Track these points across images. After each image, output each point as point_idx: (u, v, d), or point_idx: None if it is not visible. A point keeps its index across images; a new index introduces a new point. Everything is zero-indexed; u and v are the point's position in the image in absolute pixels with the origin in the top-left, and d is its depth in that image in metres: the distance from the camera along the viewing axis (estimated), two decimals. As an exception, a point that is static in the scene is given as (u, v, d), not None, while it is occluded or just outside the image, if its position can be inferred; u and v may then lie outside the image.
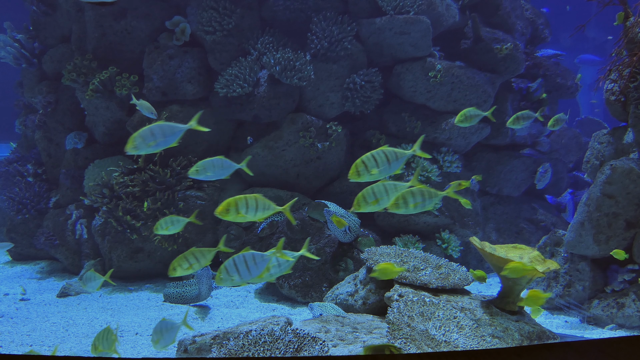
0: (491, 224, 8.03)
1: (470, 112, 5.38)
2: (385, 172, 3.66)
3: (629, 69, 5.36)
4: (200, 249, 3.84)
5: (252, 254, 3.48)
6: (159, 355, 4.68)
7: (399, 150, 3.71)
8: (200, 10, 7.08)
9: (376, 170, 3.62)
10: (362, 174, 3.63)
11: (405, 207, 3.65)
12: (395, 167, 3.67)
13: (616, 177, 5.34)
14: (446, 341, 3.72)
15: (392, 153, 3.65)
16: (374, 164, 3.62)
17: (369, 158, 3.64)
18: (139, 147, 3.70)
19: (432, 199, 3.67)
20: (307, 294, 6.12)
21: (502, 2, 8.04)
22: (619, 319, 5.30)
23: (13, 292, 6.54)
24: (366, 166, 3.61)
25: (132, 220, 6.69)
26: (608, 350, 2.21)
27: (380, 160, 3.63)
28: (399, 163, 3.67)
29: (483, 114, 5.46)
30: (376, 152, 3.65)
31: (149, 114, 5.77)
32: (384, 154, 3.65)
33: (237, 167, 4.11)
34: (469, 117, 5.35)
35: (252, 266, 3.48)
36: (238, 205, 3.55)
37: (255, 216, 3.62)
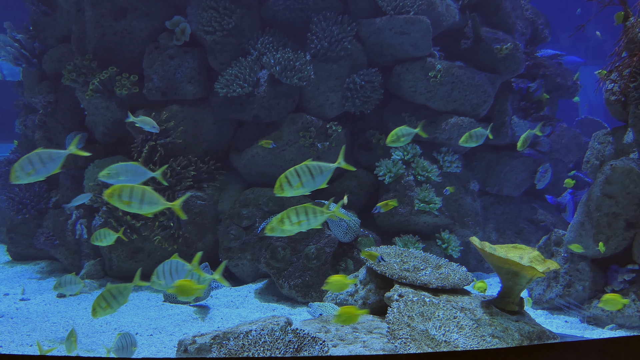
0: (491, 224, 8.03)
1: (402, 130, 5.20)
2: (310, 187, 3.70)
3: (629, 69, 5.36)
4: (117, 285, 3.83)
5: (176, 262, 3.71)
6: (159, 355, 4.68)
7: (324, 164, 3.73)
8: (200, 10, 7.08)
9: (300, 185, 3.66)
10: (285, 190, 3.67)
11: (290, 225, 3.66)
12: (320, 181, 3.71)
13: (616, 177, 5.34)
14: (446, 341, 3.72)
15: (316, 167, 3.69)
16: (297, 180, 3.66)
17: (292, 174, 3.68)
18: (19, 177, 3.75)
19: (317, 218, 3.65)
20: (307, 294, 6.12)
21: (502, 2, 8.04)
22: (619, 319, 5.30)
23: (13, 292, 6.54)
24: (289, 182, 3.65)
25: (132, 220, 6.69)
26: (608, 350, 2.21)
27: (303, 175, 3.66)
28: (323, 177, 3.72)
29: (415, 131, 5.24)
30: (300, 167, 3.68)
31: (151, 129, 5.82)
32: (308, 168, 3.68)
33: (151, 175, 4.09)
34: (400, 136, 5.19)
35: (174, 273, 3.73)
36: (122, 192, 3.55)
37: (140, 208, 3.60)
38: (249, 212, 6.89)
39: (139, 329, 5.35)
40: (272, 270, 6.27)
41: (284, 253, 6.28)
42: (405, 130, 5.19)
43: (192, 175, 6.96)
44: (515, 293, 4.34)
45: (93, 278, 6.92)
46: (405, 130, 5.18)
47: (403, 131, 5.17)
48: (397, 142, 5.24)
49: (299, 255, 6.30)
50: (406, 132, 5.17)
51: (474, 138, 5.59)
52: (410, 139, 5.27)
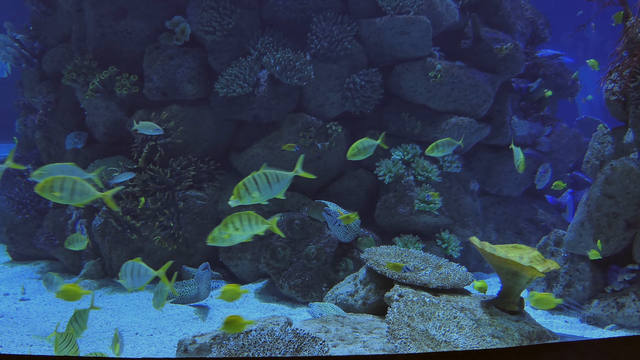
0: (491, 224, 8.03)
1: (363, 143, 5.07)
2: (267, 194, 3.74)
3: (629, 69, 5.36)
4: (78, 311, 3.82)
5: (139, 265, 3.86)
6: (159, 355, 4.68)
7: (280, 172, 3.79)
8: (200, 10, 7.08)
9: (257, 192, 3.70)
10: (243, 197, 3.69)
11: (233, 231, 3.69)
12: (277, 189, 3.76)
13: (616, 177, 5.34)
14: (446, 341, 3.72)
15: (273, 175, 3.75)
16: (254, 187, 3.70)
17: (250, 181, 3.72)
18: None
19: (260, 226, 3.69)
20: (307, 294, 6.12)
21: (502, 2, 8.04)
22: (619, 319, 5.30)
23: (13, 292, 6.53)
24: (247, 189, 3.68)
25: (132, 220, 6.69)
26: (608, 350, 2.21)
27: (261, 183, 3.71)
28: (280, 185, 3.77)
29: (376, 143, 5.11)
30: (257, 174, 3.72)
31: (154, 132, 5.84)
32: (265, 176, 3.73)
33: (88, 177, 4.07)
34: (362, 149, 5.03)
35: (135, 276, 3.87)
36: (53, 184, 3.54)
37: (71, 199, 3.60)
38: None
39: (139, 329, 5.35)
40: (272, 270, 6.27)
41: (284, 253, 6.27)
42: (367, 142, 5.06)
43: (192, 175, 6.96)
44: (515, 293, 4.35)
45: (93, 278, 6.92)
46: (367, 143, 5.06)
47: (364, 144, 5.04)
48: (359, 155, 5.11)
49: (299, 255, 6.30)
50: (367, 145, 5.05)
51: (440, 147, 5.41)
52: (373, 150, 5.15)
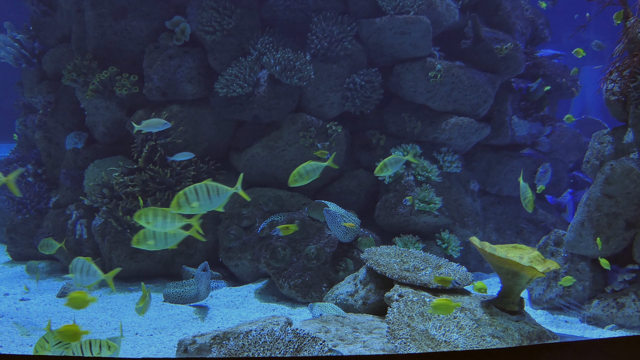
0: (491, 224, 8.03)
1: (310, 165, 4.84)
2: (206, 207, 3.77)
3: (629, 69, 5.36)
4: None
5: (89, 265, 3.89)
6: (159, 355, 4.68)
7: (222, 186, 3.81)
8: (200, 10, 7.08)
9: (196, 203, 3.72)
10: (182, 206, 3.72)
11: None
12: (216, 202, 3.79)
13: (616, 177, 5.34)
14: (446, 341, 3.72)
15: (214, 188, 3.77)
16: (194, 197, 3.72)
17: (191, 191, 3.73)
18: None
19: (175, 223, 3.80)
20: (307, 294, 6.12)
21: (502, 2, 8.04)
22: (619, 319, 5.30)
23: (13, 292, 6.53)
24: (187, 199, 3.71)
25: (132, 220, 6.69)
26: (608, 350, 2.21)
27: (201, 194, 3.73)
28: (220, 199, 3.79)
29: (324, 165, 4.83)
30: (199, 185, 3.75)
31: (162, 127, 5.87)
32: (207, 188, 3.75)
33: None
34: (304, 173, 4.78)
35: (84, 274, 3.92)
36: None
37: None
38: (249, 212, 6.89)
39: (139, 329, 5.35)
40: (272, 270, 6.27)
41: (284, 253, 6.27)
42: (309, 166, 4.78)
43: (192, 175, 6.96)
44: (515, 293, 4.35)
45: (93, 278, 6.92)
46: (310, 167, 4.78)
47: (307, 168, 4.78)
48: (301, 181, 4.84)
49: (299, 255, 6.30)
50: (310, 169, 4.78)
51: (388, 167, 5.22)
52: (318, 174, 4.86)
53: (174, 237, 3.85)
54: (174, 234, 3.83)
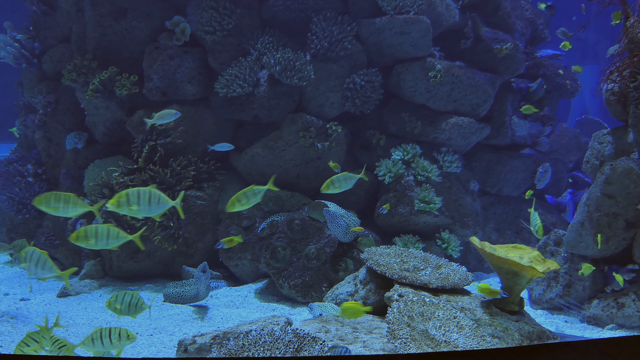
0: (491, 224, 8.03)
1: (247, 194, 4.79)
2: (144, 212, 3.82)
3: (629, 69, 5.36)
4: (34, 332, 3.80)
5: (45, 258, 3.93)
6: (159, 355, 4.68)
7: (164, 196, 3.89)
8: (200, 10, 7.08)
9: (136, 207, 3.77)
10: (121, 206, 3.76)
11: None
12: (154, 210, 3.84)
13: (616, 177, 5.34)
14: (446, 341, 3.72)
15: (156, 196, 3.83)
16: (135, 201, 3.76)
17: (134, 193, 3.78)
18: None
19: (77, 209, 3.85)
20: (307, 294, 6.12)
21: (502, 2, 8.04)
22: (619, 319, 5.30)
23: (13, 292, 6.53)
24: (128, 199, 3.74)
25: (132, 220, 6.69)
26: (608, 350, 2.21)
27: (143, 199, 3.77)
28: (160, 207, 3.85)
29: (264, 188, 4.76)
30: (144, 190, 3.79)
31: (173, 117, 5.92)
32: (149, 194, 3.79)
33: None
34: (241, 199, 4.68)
35: (40, 266, 3.95)
36: None
37: None
38: (249, 212, 6.89)
39: (139, 329, 5.35)
40: (272, 270, 6.27)
41: (284, 253, 6.27)
42: (251, 192, 4.70)
43: (192, 175, 6.96)
44: (515, 293, 4.35)
45: (93, 278, 6.92)
46: (251, 193, 4.70)
47: (248, 194, 4.71)
48: (238, 206, 4.77)
49: (299, 255, 6.30)
50: (251, 194, 4.69)
51: (335, 184, 5.11)
52: (260, 198, 4.80)
53: (116, 239, 3.85)
54: (116, 236, 3.84)
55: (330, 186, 5.07)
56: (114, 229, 3.81)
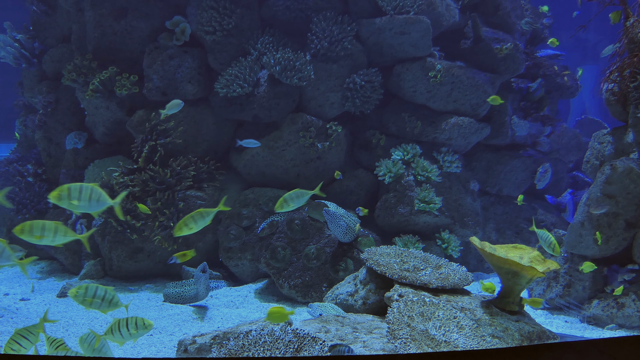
0: (491, 224, 8.03)
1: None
2: (84, 208, 3.82)
3: (629, 69, 5.36)
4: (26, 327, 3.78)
5: (3, 246, 3.84)
6: (159, 355, 4.68)
7: (105, 195, 3.87)
8: (200, 10, 7.08)
9: (77, 202, 3.75)
10: (62, 199, 3.74)
11: None
12: (93, 207, 3.84)
13: (616, 177, 5.34)
14: (446, 341, 3.72)
15: (97, 193, 3.81)
16: (76, 196, 3.75)
17: (77, 188, 3.77)
18: None
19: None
20: (307, 294, 6.12)
21: (502, 2, 8.04)
22: (619, 319, 5.30)
23: (13, 292, 6.53)
24: (70, 194, 3.73)
25: (132, 220, 6.69)
26: (608, 350, 2.21)
27: (84, 195, 3.76)
28: (98, 205, 3.84)
29: (213, 211, 4.53)
30: (86, 186, 3.79)
31: (180, 107, 6.08)
32: (91, 191, 3.79)
33: None
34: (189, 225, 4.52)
35: None
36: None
37: None
38: (249, 212, 6.89)
39: (139, 329, 5.35)
40: (272, 270, 6.27)
41: (284, 253, 6.27)
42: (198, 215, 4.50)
43: (192, 175, 6.96)
44: (515, 293, 4.35)
45: (93, 278, 6.92)
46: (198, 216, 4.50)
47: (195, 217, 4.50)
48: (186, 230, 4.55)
49: (299, 255, 6.30)
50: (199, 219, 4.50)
51: (288, 202, 5.03)
52: (208, 221, 4.58)
53: (63, 237, 3.83)
54: (64, 234, 3.83)
55: (283, 205, 5.02)
56: (62, 227, 3.79)
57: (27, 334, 3.70)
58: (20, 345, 3.65)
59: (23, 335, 3.68)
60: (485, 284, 4.77)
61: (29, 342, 3.69)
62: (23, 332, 3.69)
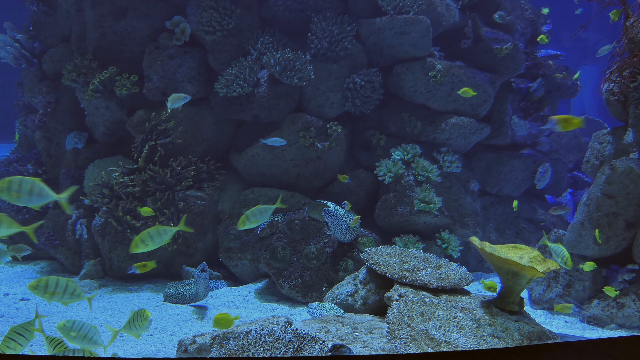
0: (491, 224, 8.03)
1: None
2: (25, 202, 3.87)
3: (629, 69, 5.36)
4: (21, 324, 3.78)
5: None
6: (159, 355, 4.68)
7: (47, 189, 3.89)
8: (200, 10, 7.08)
9: (16, 194, 3.83)
10: (2, 192, 3.83)
11: None
12: (34, 201, 3.89)
13: (616, 177, 5.34)
14: (446, 341, 3.72)
15: (38, 187, 3.84)
16: (16, 188, 3.83)
17: (17, 182, 3.84)
18: None
19: None
20: (307, 294, 6.12)
21: (502, 2, 8.04)
22: (619, 319, 5.30)
23: (13, 292, 6.53)
24: (10, 186, 3.81)
25: (132, 220, 6.69)
26: (608, 350, 2.22)
27: (24, 188, 3.83)
28: (40, 199, 3.88)
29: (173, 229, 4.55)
30: (27, 179, 3.87)
31: (184, 101, 6.06)
32: (31, 184, 3.84)
33: None
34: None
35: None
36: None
37: None
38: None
39: (139, 329, 5.35)
40: (272, 270, 6.27)
41: (284, 253, 6.27)
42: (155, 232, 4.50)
43: (192, 175, 6.97)
44: (515, 293, 4.34)
45: (93, 278, 6.92)
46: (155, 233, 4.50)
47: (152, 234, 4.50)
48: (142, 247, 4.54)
49: (299, 255, 6.30)
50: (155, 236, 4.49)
51: (251, 219, 4.98)
52: (166, 239, 4.58)
53: (7, 229, 3.89)
54: (8, 226, 3.88)
55: (245, 222, 4.98)
56: (7, 218, 3.84)
57: (22, 331, 3.72)
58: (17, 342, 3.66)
59: (19, 333, 3.70)
60: (487, 283, 4.77)
61: (25, 339, 3.72)
62: (19, 330, 3.71)
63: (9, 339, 3.68)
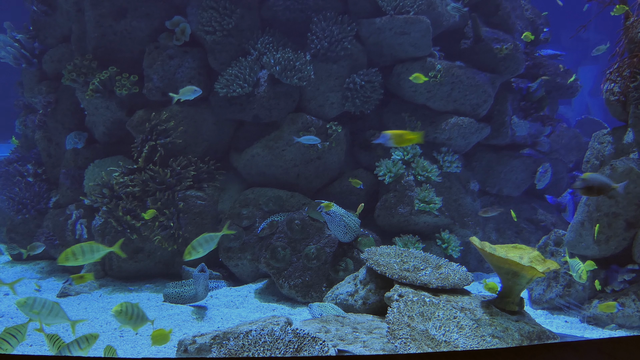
0: (491, 224, 8.03)
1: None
2: None
3: (629, 69, 5.36)
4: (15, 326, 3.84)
5: None
6: (159, 355, 4.68)
7: None
8: (200, 10, 7.08)
9: None
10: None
11: None
12: None
13: (616, 177, 5.34)
14: (446, 341, 3.72)
15: None
16: None
17: None
18: None
19: None
20: (307, 294, 6.12)
21: (502, 2, 8.04)
22: (619, 319, 5.30)
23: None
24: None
25: (132, 220, 6.69)
26: (608, 350, 2.21)
27: None
28: None
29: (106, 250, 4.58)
30: None
31: (194, 94, 6.06)
32: None
33: None
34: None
35: None
36: None
37: None
38: (249, 212, 6.89)
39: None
40: (272, 270, 6.27)
41: (284, 253, 6.27)
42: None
43: (192, 175, 6.96)
44: (515, 293, 4.34)
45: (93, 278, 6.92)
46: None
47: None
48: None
49: (299, 255, 6.30)
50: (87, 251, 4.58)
51: (197, 248, 4.89)
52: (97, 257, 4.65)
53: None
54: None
55: (192, 252, 4.94)
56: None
57: (15, 332, 3.75)
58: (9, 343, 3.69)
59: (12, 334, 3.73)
60: (488, 284, 4.77)
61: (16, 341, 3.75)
62: (12, 331, 3.74)
63: (2, 339, 3.70)
